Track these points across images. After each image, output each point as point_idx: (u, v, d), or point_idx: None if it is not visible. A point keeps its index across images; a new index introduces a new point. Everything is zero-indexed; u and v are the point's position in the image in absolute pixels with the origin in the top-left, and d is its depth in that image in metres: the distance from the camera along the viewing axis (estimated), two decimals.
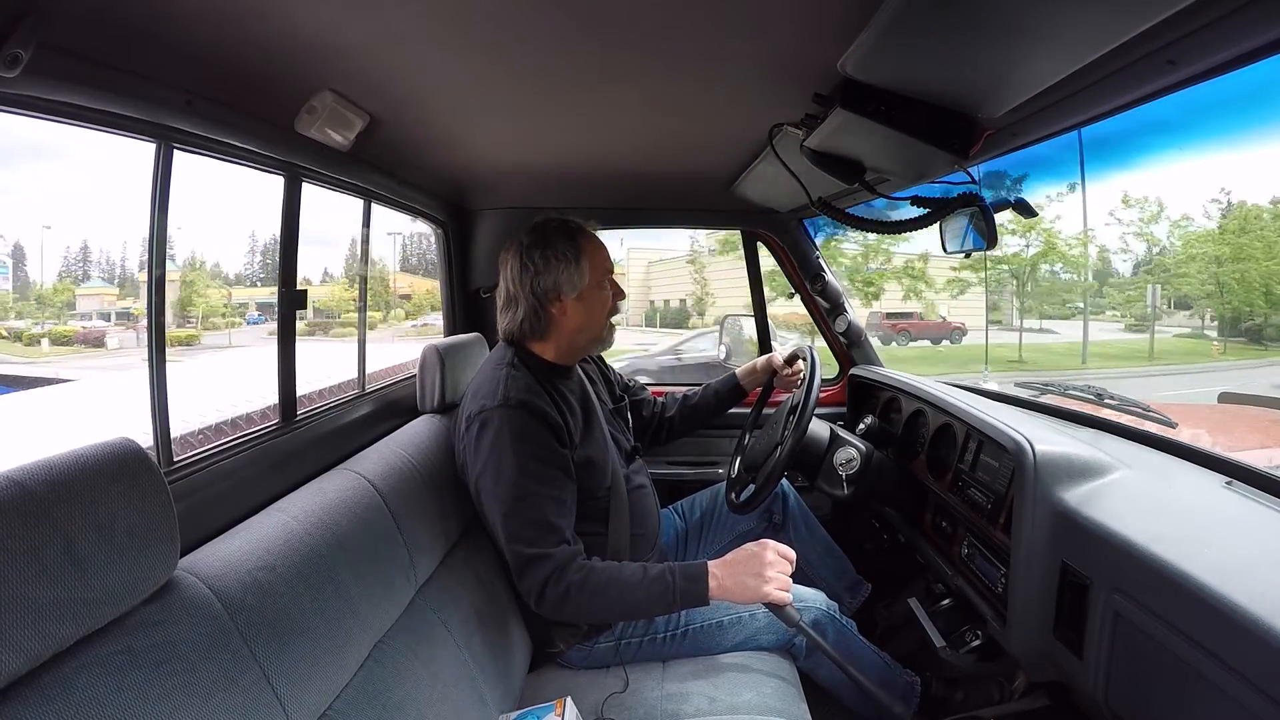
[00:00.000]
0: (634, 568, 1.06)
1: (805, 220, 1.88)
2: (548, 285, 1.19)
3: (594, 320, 1.24)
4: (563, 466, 1.12)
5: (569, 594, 1.03)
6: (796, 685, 1.18)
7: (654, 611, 1.07)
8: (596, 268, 1.22)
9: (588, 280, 1.20)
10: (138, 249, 13.13)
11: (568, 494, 1.11)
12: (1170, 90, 0.69)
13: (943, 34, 0.66)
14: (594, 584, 1.03)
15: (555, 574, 1.03)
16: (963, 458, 1.24)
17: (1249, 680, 0.61)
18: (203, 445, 0.93)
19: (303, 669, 0.71)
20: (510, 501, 1.06)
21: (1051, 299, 14.37)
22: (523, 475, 1.07)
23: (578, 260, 1.19)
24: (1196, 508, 0.88)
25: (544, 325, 1.21)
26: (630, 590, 1.03)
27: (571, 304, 1.21)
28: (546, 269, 1.19)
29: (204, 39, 0.73)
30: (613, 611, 1.07)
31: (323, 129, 0.98)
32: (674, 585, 1.03)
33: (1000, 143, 0.92)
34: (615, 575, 1.04)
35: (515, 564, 1.07)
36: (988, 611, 1.09)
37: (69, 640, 0.52)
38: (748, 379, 1.60)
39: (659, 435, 1.60)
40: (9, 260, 14.82)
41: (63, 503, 0.52)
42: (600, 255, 1.24)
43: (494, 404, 1.10)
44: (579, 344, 1.25)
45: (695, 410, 1.61)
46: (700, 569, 1.04)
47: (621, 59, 0.87)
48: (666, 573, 1.04)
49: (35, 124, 0.68)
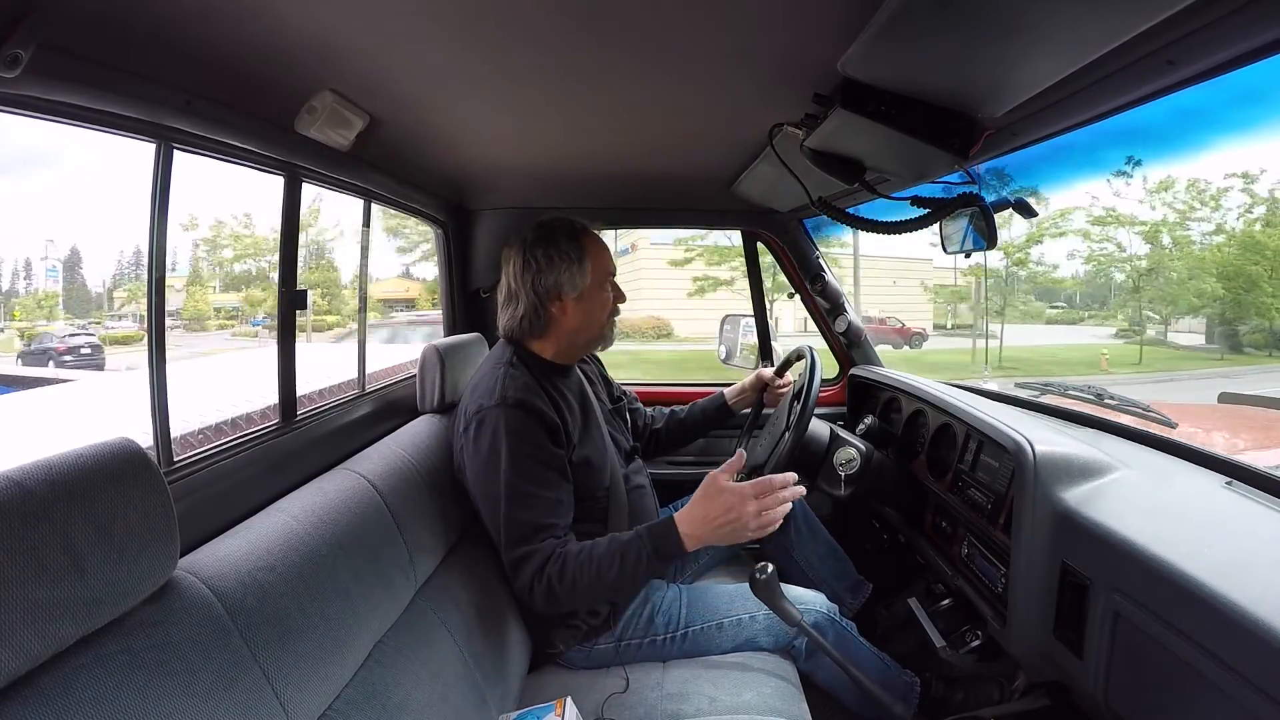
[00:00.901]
0: (603, 543, 1.05)
1: (805, 220, 1.88)
2: (549, 284, 1.19)
3: (593, 321, 1.24)
4: (559, 467, 1.11)
5: (552, 586, 1.03)
6: (797, 686, 1.18)
7: (637, 577, 1.04)
8: (599, 269, 1.22)
9: (589, 281, 1.21)
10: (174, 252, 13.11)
11: (563, 494, 1.11)
12: (1170, 90, 0.69)
13: (942, 34, 0.66)
14: (571, 569, 1.03)
15: (539, 569, 1.04)
16: (963, 458, 1.24)
17: (1249, 680, 0.61)
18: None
19: (303, 669, 0.71)
20: (505, 501, 1.06)
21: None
22: (518, 476, 1.07)
23: (581, 260, 1.20)
24: (1196, 508, 0.88)
25: (543, 323, 1.21)
26: (606, 564, 1.02)
27: (572, 303, 1.21)
28: (549, 267, 1.19)
29: (204, 39, 0.73)
30: (600, 589, 1.04)
31: (323, 129, 0.98)
32: (646, 547, 1.02)
33: (1000, 143, 0.92)
34: (589, 554, 1.04)
35: (508, 565, 1.07)
36: (988, 611, 1.09)
37: (69, 640, 0.52)
38: (736, 399, 1.60)
39: (646, 449, 1.60)
40: (58, 263, 14.85)
41: (62, 502, 0.52)
42: (603, 257, 1.24)
43: (491, 403, 1.10)
44: (578, 344, 1.25)
45: (682, 426, 1.62)
46: (665, 524, 1.03)
47: (622, 59, 0.87)
48: (636, 539, 1.03)
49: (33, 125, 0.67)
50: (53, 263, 14.86)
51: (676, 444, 1.64)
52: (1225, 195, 9.90)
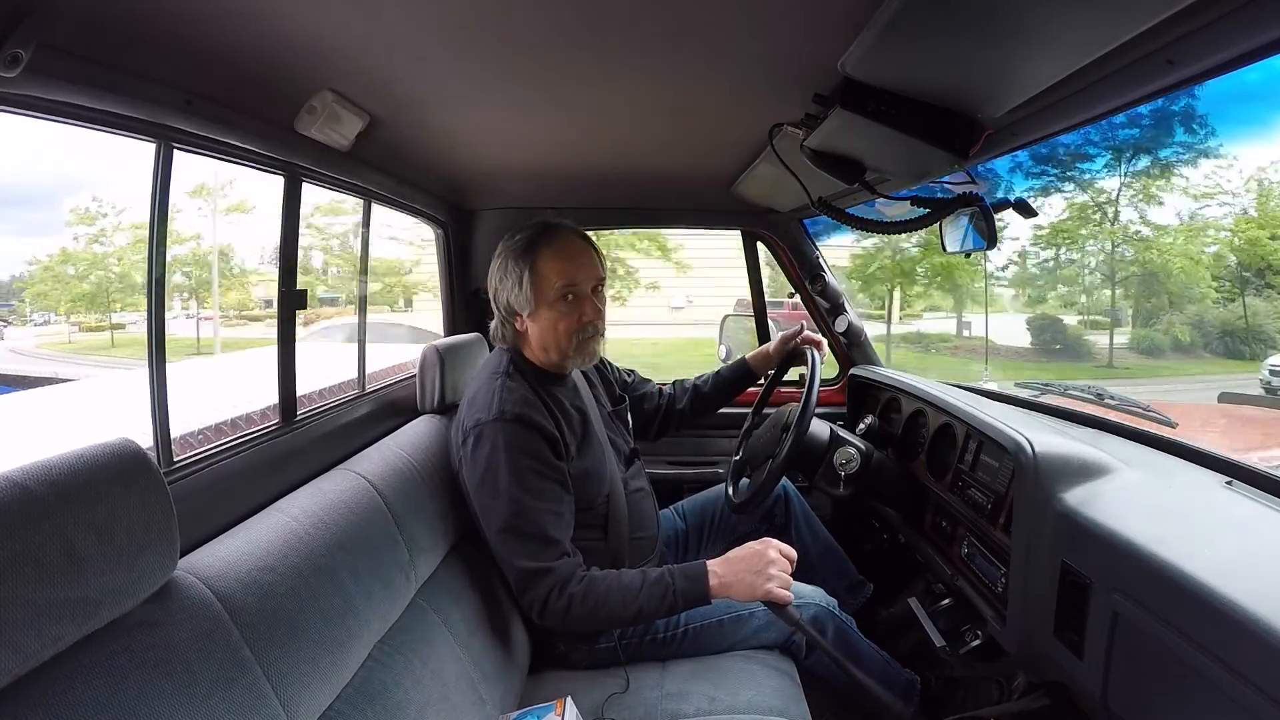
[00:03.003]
0: (633, 574, 1.06)
1: (805, 220, 1.88)
2: (507, 300, 1.18)
3: (554, 338, 1.18)
4: (559, 480, 1.11)
5: (571, 606, 1.03)
6: (797, 684, 1.18)
7: (657, 615, 1.06)
8: (548, 285, 1.15)
9: (534, 300, 1.15)
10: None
11: (565, 507, 1.11)
12: (1170, 90, 0.69)
13: (943, 34, 0.66)
14: (596, 594, 1.03)
15: (558, 588, 1.03)
16: (963, 458, 1.24)
17: (1249, 680, 0.61)
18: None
19: (303, 669, 0.71)
20: (508, 516, 1.06)
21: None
22: (519, 490, 1.06)
23: (522, 278, 1.15)
24: (1197, 508, 0.88)
25: (514, 335, 1.21)
26: (631, 596, 1.03)
27: (529, 320, 1.18)
28: (501, 284, 1.18)
29: (204, 39, 0.73)
30: (616, 619, 1.06)
31: (323, 129, 0.98)
32: (674, 587, 1.03)
33: (1000, 143, 0.92)
34: (616, 583, 1.04)
35: (516, 579, 1.07)
36: (988, 611, 1.09)
37: (69, 641, 0.52)
38: (758, 362, 1.56)
39: (667, 427, 1.57)
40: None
41: (62, 503, 0.52)
42: (558, 269, 1.15)
43: (489, 417, 1.09)
44: (552, 358, 1.21)
45: (704, 397, 1.57)
46: (699, 568, 1.04)
47: (622, 59, 0.87)
48: (666, 575, 1.04)
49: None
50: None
51: (700, 414, 1.58)
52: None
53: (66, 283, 11.28)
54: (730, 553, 1.07)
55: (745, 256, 1.99)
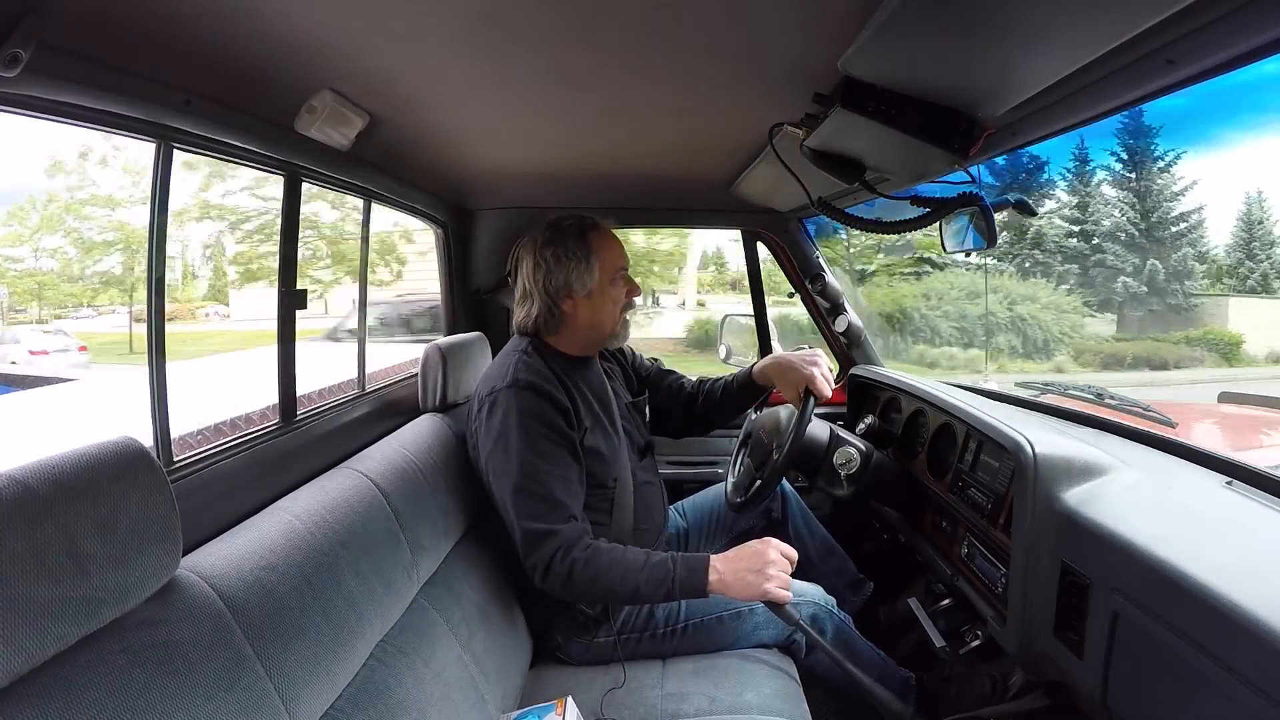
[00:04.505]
0: (638, 552, 1.07)
1: (805, 220, 1.88)
2: (559, 283, 1.22)
3: (605, 317, 1.26)
4: (569, 447, 1.14)
5: (573, 572, 1.04)
6: (797, 685, 1.18)
7: (653, 597, 1.07)
8: (608, 266, 1.24)
9: (597, 278, 1.23)
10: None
11: (574, 474, 1.13)
12: (1170, 90, 0.69)
13: (943, 33, 0.66)
14: (598, 564, 1.05)
15: (561, 550, 1.05)
16: (963, 458, 1.24)
17: (1248, 680, 0.61)
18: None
19: (305, 668, 0.72)
20: (518, 478, 1.09)
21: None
22: (530, 452, 1.09)
23: (587, 258, 1.22)
24: (1197, 508, 0.88)
25: (557, 321, 1.24)
26: (633, 573, 1.04)
27: (582, 301, 1.24)
28: (558, 266, 1.22)
29: (204, 39, 0.73)
30: (613, 593, 1.08)
31: (323, 129, 0.98)
32: (674, 574, 1.04)
33: (1000, 142, 0.92)
34: (619, 557, 1.06)
35: (522, 539, 1.08)
36: (988, 611, 1.09)
37: (71, 639, 0.52)
38: (762, 378, 1.46)
39: (679, 415, 1.50)
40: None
41: (65, 501, 0.52)
42: (613, 253, 1.26)
43: (503, 385, 1.14)
44: (592, 339, 1.28)
45: (710, 400, 1.49)
46: (701, 560, 1.05)
47: (621, 59, 0.87)
48: (669, 560, 1.06)
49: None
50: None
51: (703, 419, 1.51)
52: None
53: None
54: (730, 551, 1.08)
55: (745, 256, 1.99)
